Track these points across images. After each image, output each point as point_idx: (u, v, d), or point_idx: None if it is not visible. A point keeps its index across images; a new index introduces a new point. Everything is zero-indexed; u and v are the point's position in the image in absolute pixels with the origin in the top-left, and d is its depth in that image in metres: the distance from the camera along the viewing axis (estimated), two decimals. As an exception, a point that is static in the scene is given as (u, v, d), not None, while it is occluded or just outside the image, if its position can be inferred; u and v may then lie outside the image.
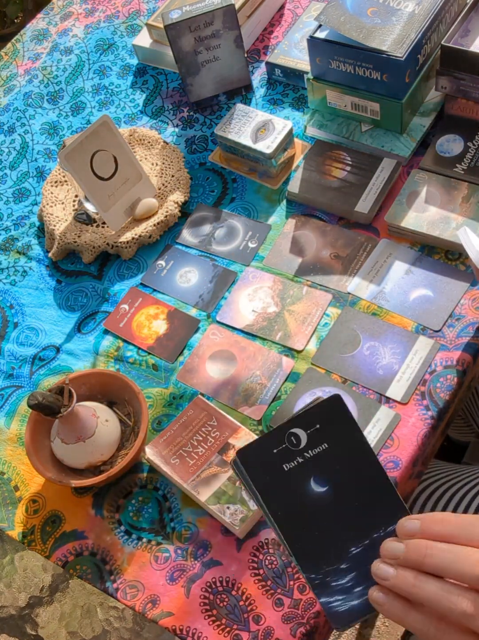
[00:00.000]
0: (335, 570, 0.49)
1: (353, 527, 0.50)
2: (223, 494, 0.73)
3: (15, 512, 0.79)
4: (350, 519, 0.50)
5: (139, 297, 0.91)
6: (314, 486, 0.51)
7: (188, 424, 0.78)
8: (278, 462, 0.51)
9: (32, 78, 1.18)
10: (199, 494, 0.73)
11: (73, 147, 0.88)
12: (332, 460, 0.51)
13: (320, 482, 0.50)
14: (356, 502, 0.50)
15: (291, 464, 0.51)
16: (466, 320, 0.80)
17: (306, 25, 1.07)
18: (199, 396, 0.80)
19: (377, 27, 0.87)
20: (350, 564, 0.49)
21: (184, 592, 0.71)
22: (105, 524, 0.76)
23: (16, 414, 0.86)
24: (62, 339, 0.90)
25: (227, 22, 0.98)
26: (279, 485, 0.50)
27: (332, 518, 0.50)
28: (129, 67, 1.15)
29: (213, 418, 0.77)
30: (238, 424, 0.77)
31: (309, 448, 0.51)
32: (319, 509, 0.50)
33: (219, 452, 0.75)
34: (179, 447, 0.76)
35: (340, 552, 0.50)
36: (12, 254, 1.00)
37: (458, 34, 0.88)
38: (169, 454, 0.76)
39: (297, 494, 0.50)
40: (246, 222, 0.94)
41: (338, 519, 0.50)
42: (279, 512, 0.50)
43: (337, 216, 0.91)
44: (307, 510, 0.50)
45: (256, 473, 0.51)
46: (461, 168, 0.88)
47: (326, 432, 0.51)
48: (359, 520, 0.50)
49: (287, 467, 0.51)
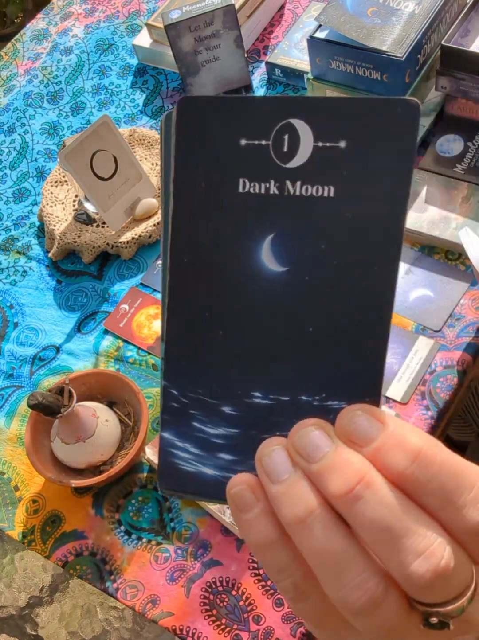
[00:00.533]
0: (211, 408, 0.28)
1: (282, 364, 0.28)
2: None
3: (15, 512, 0.79)
4: (286, 347, 0.27)
5: (139, 297, 0.91)
6: (266, 253, 0.27)
7: None
8: (237, 168, 0.27)
9: (32, 78, 1.18)
10: None
11: (73, 147, 0.88)
12: (328, 223, 0.27)
13: (280, 252, 0.27)
14: (314, 326, 0.27)
15: (253, 186, 0.27)
16: (466, 320, 0.80)
17: (306, 25, 1.07)
18: None
19: (377, 27, 0.87)
20: (238, 414, 0.28)
21: (184, 592, 0.71)
22: (105, 524, 0.76)
23: (16, 414, 0.86)
24: (62, 339, 0.90)
25: (227, 22, 0.98)
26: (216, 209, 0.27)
27: (260, 327, 0.28)
28: (129, 67, 1.15)
29: None
30: None
31: (302, 178, 0.27)
32: (251, 298, 0.28)
33: None
34: None
35: (236, 387, 0.28)
36: (12, 254, 1.00)
37: (458, 34, 0.88)
38: None
39: (232, 247, 0.27)
40: (246, 222, 0.94)
41: (268, 334, 0.28)
42: (185, 258, 0.28)
43: (337, 216, 0.91)
44: (231, 286, 0.28)
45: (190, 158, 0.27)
46: (461, 168, 0.88)
47: (349, 164, 0.26)
48: (300, 358, 0.27)
49: (245, 188, 0.27)
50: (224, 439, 0.28)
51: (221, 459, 0.28)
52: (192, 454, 0.29)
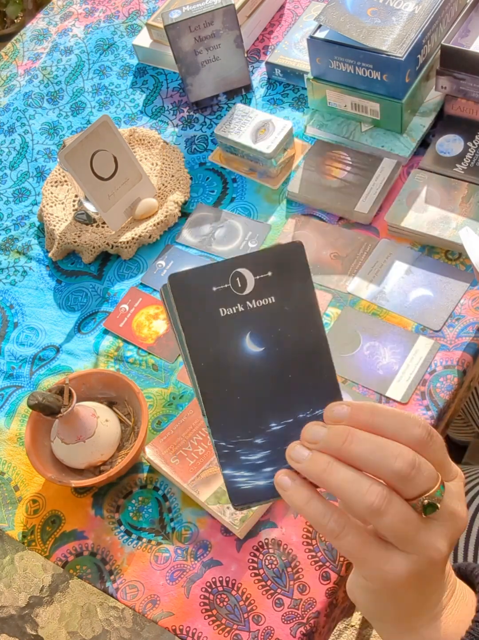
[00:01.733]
0: (249, 444, 0.44)
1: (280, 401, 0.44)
2: (223, 494, 0.73)
3: (15, 512, 0.79)
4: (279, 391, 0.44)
5: (139, 297, 0.91)
6: (248, 343, 0.44)
7: (188, 424, 0.78)
8: (215, 303, 0.44)
9: (32, 78, 1.18)
10: (199, 493, 0.73)
11: (73, 147, 0.88)
12: (276, 318, 0.44)
13: (257, 340, 0.44)
14: (290, 374, 0.44)
15: (229, 310, 0.44)
16: (466, 320, 0.80)
17: (306, 25, 1.07)
18: None
19: (377, 27, 0.87)
20: (266, 441, 0.44)
21: (184, 592, 0.71)
22: (105, 524, 0.76)
23: (16, 414, 0.86)
24: (62, 339, 0.90)
25: (227, 22, 0.98)
26: (210, 330, 0.44)
27: (259, 385, 0.44)
28: (129, 67, 1.15)
29: None
30: None
31: (254, 297, 0.44)
32: (248, 371, 0.44)
33: None
34: (179, 447, 0.76)
35: (259, 425, 0.44)
36: (12, 254, 1.00)
37: (458, 34, 0.88)
38: (169, 454, 0.76)
39: (228, 347, 0.44)
40: (246, 222, 0.94)
41: (266, 388, 0.44)
42: (202, 363, 0.44)
43: (337, 216, 0.91)
44: (234, 369, 0.44)
45: (186, 307, 0.44)
46: (461, 168, 0.88)
47: (276, 283, 0.44)
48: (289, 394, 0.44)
49: (224, 313, 0.44)
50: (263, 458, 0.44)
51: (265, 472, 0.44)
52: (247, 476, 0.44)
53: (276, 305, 0.44)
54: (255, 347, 0.44)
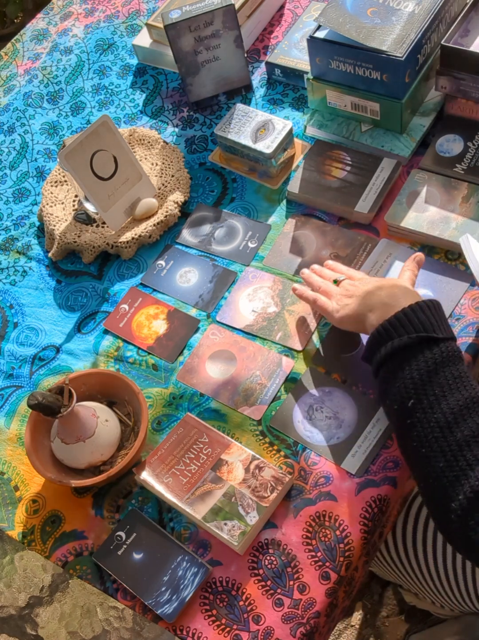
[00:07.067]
0: None
1: None
2: (219, 510, 0.72)
3: (15, 512, 0.79)
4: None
5: (139, 297, 0.91)
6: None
7: (179, 442, 0.77)
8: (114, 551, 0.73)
9: (32, 78, 1.18)
10: (195, 511, 0.73)
11: (73, 147, 0.88)
12: None
13: None
14: None
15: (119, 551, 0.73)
16: (466, 320, 0.80)
17: (306, 25, 1.07)
18: (188, 414, 0.79)
19: (377, 27, 0.87)
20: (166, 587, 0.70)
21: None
22: (105, 524, 0.76)
23: (16, 414, 0.86)
24: (62, 339, 0.90)
25: (227, 22, 0.98)
26: None
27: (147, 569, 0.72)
28: (129, 67, 1.15)
29: (204, 435, 0.77)
30: (229, 440, 0.76)
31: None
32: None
33: (212, 469, 0.75)
34: (171, 466, 0.76)
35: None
36: (12, 254, 1.00)
37: (458, 34, 0.88)
38: (162, 472, 0.75)
39: None
40: (245, 222, 0.94)
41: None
42: None
43: (337, 216, 0.91)
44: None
45: None
46: (461, 168, 0.88)
47: None
48: None
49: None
50: None
51: None
52: None
53: None
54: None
